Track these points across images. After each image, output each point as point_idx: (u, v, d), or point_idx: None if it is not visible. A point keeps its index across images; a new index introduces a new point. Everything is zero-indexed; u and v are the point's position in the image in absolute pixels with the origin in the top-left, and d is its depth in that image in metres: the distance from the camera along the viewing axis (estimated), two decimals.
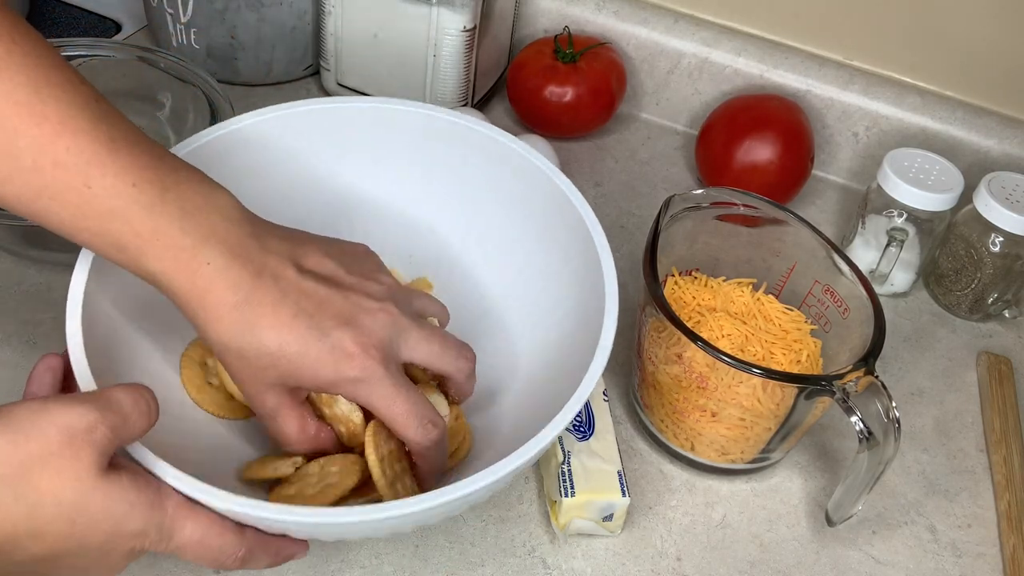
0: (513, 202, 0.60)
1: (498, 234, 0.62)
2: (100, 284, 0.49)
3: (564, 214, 0.57)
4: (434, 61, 0.80)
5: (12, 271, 0.68)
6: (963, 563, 0.61)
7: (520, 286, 0.61)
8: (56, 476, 0.38)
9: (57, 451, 0.38)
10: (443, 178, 0.62)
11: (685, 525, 0.60)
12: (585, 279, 0.55)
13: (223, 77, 0.85)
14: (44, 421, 0.38)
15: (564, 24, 0.87)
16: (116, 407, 0.40)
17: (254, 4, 0.81)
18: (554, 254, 0.58)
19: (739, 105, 0.82)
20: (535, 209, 0.59)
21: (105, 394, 0.40)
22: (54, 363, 0.46)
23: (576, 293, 0.56)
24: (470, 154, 0.61)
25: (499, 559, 0.57)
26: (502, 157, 0.60)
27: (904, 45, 0.82)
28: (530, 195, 0.59)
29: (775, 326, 0.63)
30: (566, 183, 0.58)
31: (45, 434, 0.38)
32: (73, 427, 0.38)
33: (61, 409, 0.38)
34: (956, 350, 0.75)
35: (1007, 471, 0.65)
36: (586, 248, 0.55)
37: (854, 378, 0.55)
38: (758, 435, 0.59)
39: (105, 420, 0.39)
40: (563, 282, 0.57)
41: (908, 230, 0.74)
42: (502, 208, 0.61)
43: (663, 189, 0.84)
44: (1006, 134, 0.81)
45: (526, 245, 0.60)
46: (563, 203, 0.57)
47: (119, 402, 0.40)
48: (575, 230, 0.56)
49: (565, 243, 0.57)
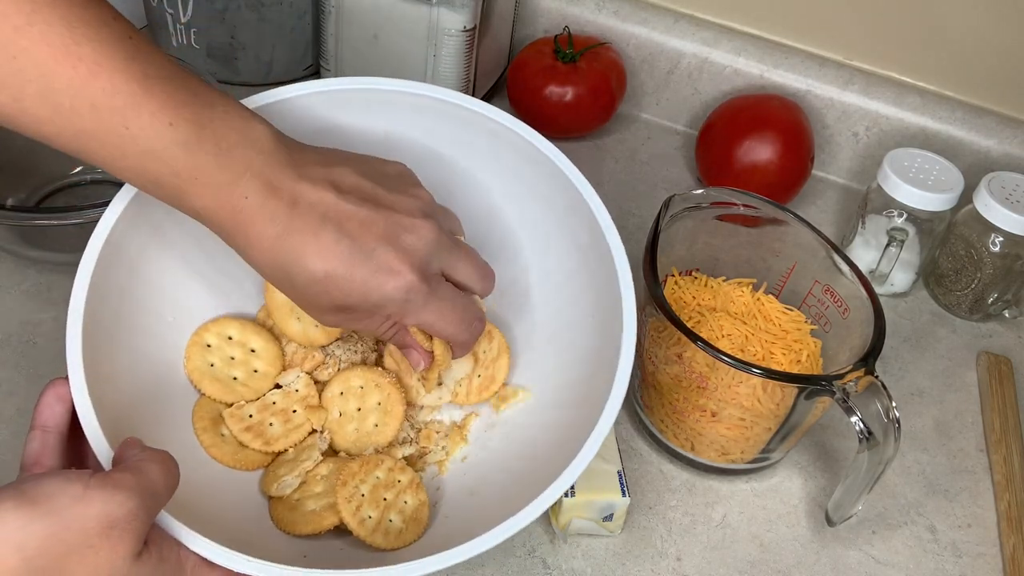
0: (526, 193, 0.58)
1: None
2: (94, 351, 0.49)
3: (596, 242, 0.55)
4: (434, 61, 0.80)
5: (12, 271, 0.68)
6: (963, 563, 0.61)
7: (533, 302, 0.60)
8: (92, 567, 0.37)
9: (96, 542, 0.37)
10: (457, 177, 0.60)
11: (685, 525, 0.60)
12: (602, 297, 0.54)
13: (223, 77, 0.85)
14: (85, 510, 0.37)
15: (564, 24, 0.87)
16: (152, 488, 0.40)
17: (254, 4, 0.81)
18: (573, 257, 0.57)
19: (739, 105, 0.82)
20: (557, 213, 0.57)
21: (141, 474, 0.39)
22: (63, 392, 0.45)
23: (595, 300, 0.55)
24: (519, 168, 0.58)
25: (499, 559, 0.57)
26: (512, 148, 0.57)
27: (904, 45, 0.82)
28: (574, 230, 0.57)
29: (775, 326, 0.63)
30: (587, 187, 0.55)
31: (86, 524, 0.37)
32: (113, 516, 0.37)
33: (103, 496, 0.37)
34: (956, 350, 0.75)
35: (1007, 471, 0.65)
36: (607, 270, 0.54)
37: (854, 378, 0.55)
38: (758, 435, 0.59)
39: (144, 506, 0.39)
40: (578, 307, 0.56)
41: (908, 230, 0.74)
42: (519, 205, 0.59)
43: (663, 189, 0.84)
44: (1006, 134, 0.81)
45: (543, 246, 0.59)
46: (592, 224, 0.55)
47: (155, 482, 0.40)
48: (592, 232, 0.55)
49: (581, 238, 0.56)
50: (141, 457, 0.41)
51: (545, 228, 0.58)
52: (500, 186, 0.59)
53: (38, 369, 0.62)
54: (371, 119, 0.58)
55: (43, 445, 0.44)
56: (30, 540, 0.36)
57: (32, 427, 0.44)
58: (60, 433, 0.44)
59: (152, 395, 0.53)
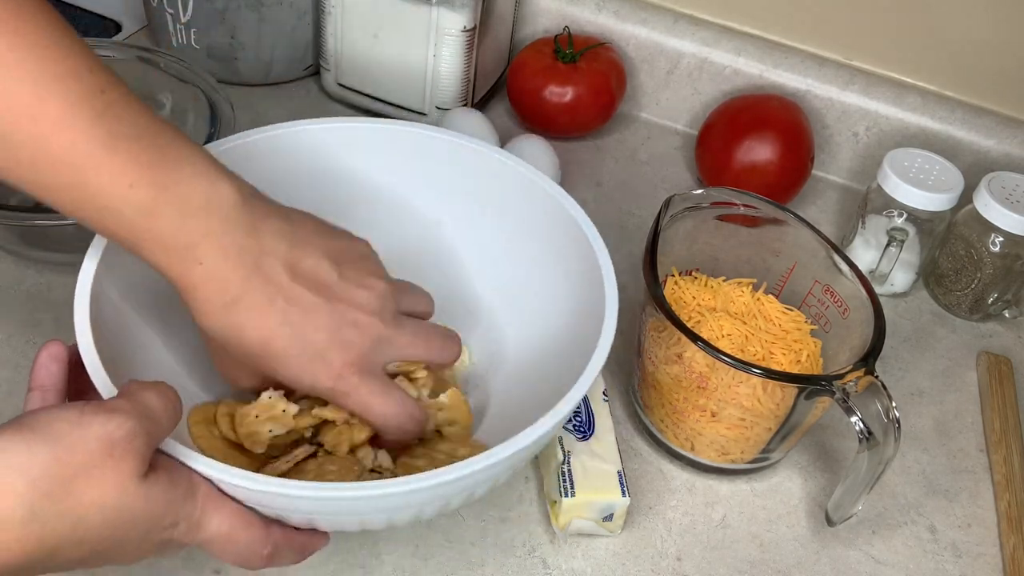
0: (509, 212, 0.61)
1: (492, 235, 0.62)
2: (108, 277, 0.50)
3: (562, 224, 0.58)
4: (434, 61, 0.80)
5: (12, 271, 0.68)
6: (963, 563, 0.61)
7: (516, 287, 0.61)
8: (100, 487, 0.38)
9: (99, 462, 0.38)
10: (442, 191, 0.63)
11: (685, 525, 0.60)
12: (584, 280, 0.55)
13: (223, 77, 0.85)
14: (85, 432, 0.38)
15: (564, 24, 0.87)
16: (150, 411, 0.40)
17: (254, 4, 0.81)
18: (550, 255, 0.59)
19: (739, 105, 0.82)
20: (531, 217, 0.60)
21: (137, 398, 0.40)
22: (58, 352, 0.45)
23: (575, 294, 0.56)
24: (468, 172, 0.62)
25: (499, 559, 0.57)
26: (494, 172, 0.61)
27: (904, 45, 0.82)
28: (526, 205, 0.60)
29: (775, 326, 0.63)
30: (559, 190, 0.59)
31: (87, 446, 0.38)
32: (113, 437, 0.38)
33: (100, 419, 0.38)
34: (956, 350, 0.75)
35: (1007, 471, 0.65)
36: (584, 252, 0.56)
37: (854, 378, 0.55)
38: (758, 435, 0.59)
39: (143, 426, 0.39)
40: (561, 283, 0.58)
41: (908, 230, 0.74)
42: (500, 218, 0.62)
43: (663, 189, 0.84)
44: (1006, 134, 0.81)
45: (520, 246, 0.61)
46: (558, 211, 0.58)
47: (152, 406, 0.40)
48: (572, 234, 0.57)
49: (561, 244, 0.58)
50: (137, 387, 0.41)
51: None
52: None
53: None
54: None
55: (43, 403, 0.44)
56: (34, 465, 0.36)
57: (30, 388, 0.45)
58: (59, 391, 0.45)
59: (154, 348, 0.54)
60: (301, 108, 0.86)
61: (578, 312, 0.55)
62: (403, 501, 0.45)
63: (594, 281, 0.54)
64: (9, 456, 0.36)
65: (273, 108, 0.85)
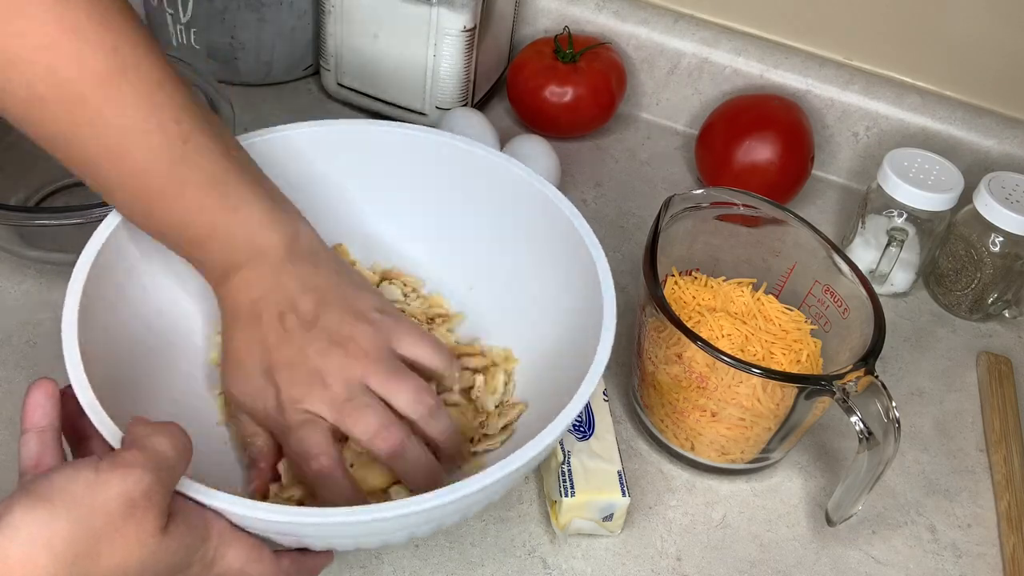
0: (503, 213, 0.61)
1: (489, 235, 0.62)
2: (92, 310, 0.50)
3: (559, 228, 0.58)
4: (434, 61, 0.80)
5: (12, 271, 0.68)
6: (963, 563, 0.61)
7: (512, 295, 0.61)
8: (123, 550, 0.37)
9: (121, 524, 0.37)
10: (430, 197, 0.63)
11: (685, 525, 0.60)
12: (583, 288, 0.55)
13: (223, 77, 0.85)
14: (103, 493, 0.37)
15: (564, 24, 0.87)
16: (163, 460, 0.40)
17: (254, 4, 0.81)
18: (547, 258, 0.59)
19: (739, 105, 0.82)
20: (524, 218, 0.60)
21: (150, 448, 0.40)
22: (49, 388, 0.44)
23: (573, 303, 0.56)
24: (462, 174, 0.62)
25: (499, 559, 0.57)
26: (482, 170, 0.61)
27: (904, 45, 0.82)
28: (518, 206, 0.60)
29: (775, 326, 0.63)
30: (556, 194, 0.59)
31: (107, 507, 0.37)
32: (132, 495, 0.38)
33: (117, 477, 0.38)
34: (956, 350, 0.75)
35: (1007, 471, 0.65)
36: (581, 255, 0.56)
37: (854, 378, 0.55)
38: (758, 435, 0.59)
39: (159, 479, 0.39)
40: (560, 290, 0.58)
41: (908, 230, 0.74)
42: (493, 220, 0.62)
43: (663, 189, 0.84)
44: (1006, 134, 0.81)
45: (516, 248, 0.61)
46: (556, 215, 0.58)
47: (164, 452, 0.40)
48: (569, 239, 0.57)
49: (559, 250, 0.58)
50: (147, 432, 0.41)
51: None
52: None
53: (38, 369, 0.62)
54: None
55: (41, 444, 0.43)
56: (56, 536, 0.36)
57: (24, 430, 0.43)
58: (55, 430, 0.44)
59: (147, 376, 0.54)
60: (301, 108, 0.86)
61: (575, 321, 0.55)
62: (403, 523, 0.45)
63: (592, 290, 0.54)
64: (31, 530, 0.35)
65: (273, 108, 0.85)
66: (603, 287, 0.53)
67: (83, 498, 0.37)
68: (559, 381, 0.52)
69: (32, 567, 0.35)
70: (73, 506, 0.36)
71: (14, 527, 0.35)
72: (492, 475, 0.44)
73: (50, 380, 0.45)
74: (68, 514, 0.36)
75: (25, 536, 0.35)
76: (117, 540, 0.37)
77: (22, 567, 0.35)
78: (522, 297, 0.60)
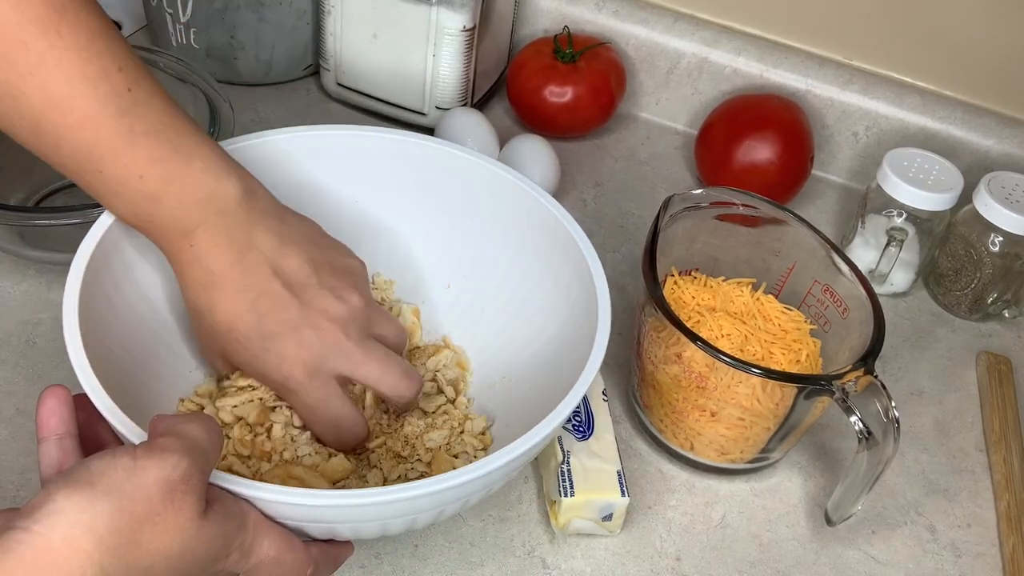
0: (497, 219, 0.61)
1: (481, 240, 0.62)
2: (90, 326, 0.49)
3: (549, 229, 0.58)
4: (434, 61, 0.80)
5: (12, 271, 0.68)
6: (963, 563, 0.61)
7: (505, 295, 0.61)
8: (164, 535, 0.37)
9: (161, 508, 0.37)
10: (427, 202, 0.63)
11: (684, 525, 0.60)
12: (576, 288, 0.55)
13: (223, 77, 0.85)
14: (143, 478, 0.37)
15: (564, 24, 0.87)
16: (198, 445, 0.40)
17: (254, 4, 0.81)
18: (539, 262, 0.59)
19: (739, 105, 0.82)
20: (519, 223, 0.60)
21: (185, 435, 0.40)
22: (63, 395, 0.44)
23: (567, 303, 0.56)
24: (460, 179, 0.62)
25: (499, 559, 0.57)
26: (485, 181, 0.61)
27: (904, 45, 0.82)
28: (513, 212, 0.60)
29: (775, 326, 0.63)
30: (549, 199, 0.59)
31: (147, 492, 0.37)
32: (171, 479, 0.38)
33: (155, 462, 0.38)
34: (956, 350, 0.75)
35: (1007, 471, 0.65)
36: (576, 260, 0.56)
37: (853, 378, 0.55)
38: (757, 435, 0.59)
39: (196, 463, 0.39)
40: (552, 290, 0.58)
41: (908, 230, 0.74)
42: (487, 225, 0.62)
43: (663, 189, 0.84)
44: (1006, 134, 0.81)
45: (509, 253, 0.61)
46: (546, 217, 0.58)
47: (198, 439, 0.40)
48: (561, 240, 0.57)
49: (551, 251, 0.58)
50: (178, 420, 0.41)
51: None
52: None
53: (38, 369, 0.62)
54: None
55: (62, 451, 0.43)
56: (98, 520, 0.35)
57: (42, 439, 0.43)
58: (74, 436, 0.44)
59: (148, 374, 0.54)
60: (300, 108, 0.86)
61: (571, 320, 0.55)
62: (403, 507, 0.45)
63: (587, 291, 0.54)
64: (74, 515, 0.35)
65: (273, 108, 0.85)
66: (594, 276, 0.54)
67: (122, 483, 0.37)
68: (559, 379, 0.52)
69: (76, 552, 0.35)
70: (113, 490, 0.36)
71: (56, 512, 0.35)
72: (514, 450, 0.45)
73: (63, 387, 0.44)
74: (109, 498, 0.36)
75: (68, 521, 0.35)
76: (158, 525, 0.37)
77: (66, 551, 0.35)
78: (515, 299, 0.60)
